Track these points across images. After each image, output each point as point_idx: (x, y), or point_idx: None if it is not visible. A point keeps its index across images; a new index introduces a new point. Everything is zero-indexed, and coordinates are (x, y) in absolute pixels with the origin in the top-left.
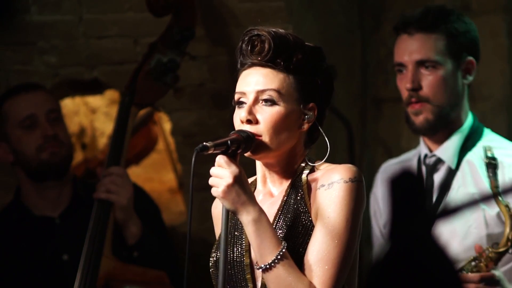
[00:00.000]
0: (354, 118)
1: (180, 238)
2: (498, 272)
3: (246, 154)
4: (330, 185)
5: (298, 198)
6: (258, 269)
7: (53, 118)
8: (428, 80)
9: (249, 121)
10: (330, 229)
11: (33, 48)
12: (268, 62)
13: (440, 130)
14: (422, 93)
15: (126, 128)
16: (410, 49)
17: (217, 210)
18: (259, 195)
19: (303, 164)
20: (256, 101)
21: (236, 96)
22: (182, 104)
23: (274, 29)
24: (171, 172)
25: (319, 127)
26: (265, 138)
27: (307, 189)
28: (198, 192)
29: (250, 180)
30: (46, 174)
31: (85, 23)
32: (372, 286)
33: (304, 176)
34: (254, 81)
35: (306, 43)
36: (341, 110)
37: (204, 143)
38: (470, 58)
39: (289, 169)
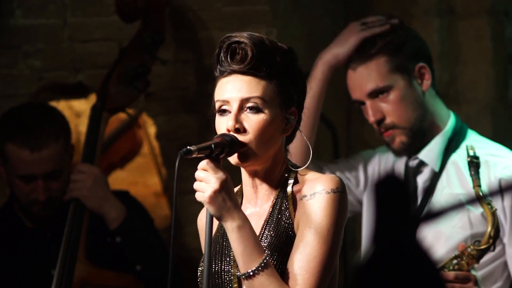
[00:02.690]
0: (339, 121)
1: (165, 241)
2: (475, 273)
3: (233, 162)
4: (312, 195)
5: (283, 208)
6: (240, 276)
7: (53, 176)
8: (387, 107)
9: (237, 130)
10: (311, 239)
11: (18, 51)
12: (251, 70)
13: (419, 143)
14: (387, 122)
15: (98, 134)
16: (358, 84)
17: (202, 222)
18: (245, 210)
19: (286, 174)
20: (240, 109)
21: (218, 104)
22: (167, 108)
23: (251, 34)
24: (156, 175)
25: (301, 133)
26: (253, 146)
27: (292, 199)
28: (182, 196)
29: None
30: (35, 216)
31: (69, 26)
32: None
33: (289, 187)
34: (237, 88)
35: (278, 44)
36: (326, 113)
37: (188, 147)
38: (420, 64)
39: (272, 174)
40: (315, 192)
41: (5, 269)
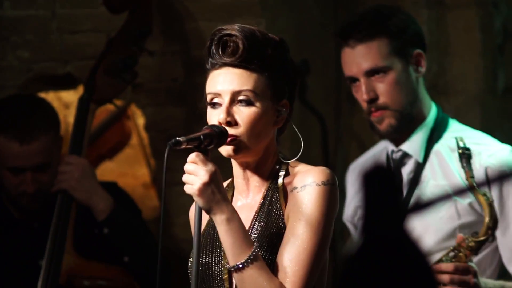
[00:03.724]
0: (328, 113)
1: (153, 232)
2: (473, 264)
3: (225, 154)
4: (303, 187)
5: (274, 200)
6: (230, 268)
7: (42, 169)
8: (382, 87)
9: (228, 123)
10: (301, 231)
11: (6, 43)
12: (242, 62)
13: (405, 128)
14: (380, 102)
15: (85, 126)
16: (356, 61)
17: (193, 214)
18: (237, 202)
19: (277, 166)
20: (232, 101)
21: (209, 97)
22: (156, 99)
23: (242, 27)
24: (145, 167)
25: (292, 124)
26: (245, 139)
27: (283, 191)
28: (171, 187)
29: (224, 183)
30: (23, 208)
31: (58, 18)
32: (347, 280)
33: (280, 179)
34: (228, 81)
35: (269, 35)
36: (315, 105)
37: (177, 138)
38: (417, 50)
39: (264, 166)
40: (306, 184)
41: None
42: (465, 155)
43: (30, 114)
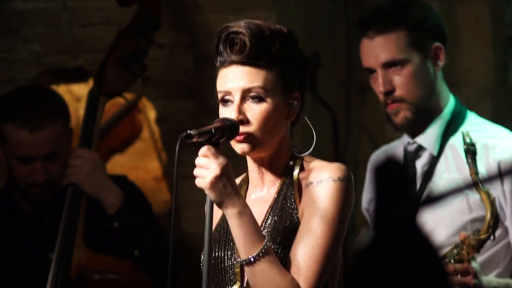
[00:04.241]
0: (339, 105)
1: (165, 226)
2: (475, 264)
3: (239, 152)
4: (319, 183)
5: (288, 195)
6: (241, 262)
7: (51, 158)
8: (399, 80)
9: (240, 121)
10: (316, 226)
11: (17, 36)
12: (250, 59)
13: (421, 122)
14: (396, 94)
15: (95, 119)
16: (374, 53)
17: None
18: (251, 195)
19: (292, 161)
20: (243, 99)
21: (220, 95)
22: (166, 92)
23: (248, 23)
24: (156, 160)
25: (305, 117)
26: (258, 135)
27: (297, 186)
28: (181, 180)
29: (237, 180)
30: (33, 199)
31: (69, 10)
32: (358, 273)
33: (295, 173)
34: (238, 79)
35: (277, 28)
36: (326, 97)
37: (188, 131)
38: (436, 43)
39: (278, 160)
40: (322, 179)
41: (3, 253)
42: (470, 151)
43: (39, 103)
